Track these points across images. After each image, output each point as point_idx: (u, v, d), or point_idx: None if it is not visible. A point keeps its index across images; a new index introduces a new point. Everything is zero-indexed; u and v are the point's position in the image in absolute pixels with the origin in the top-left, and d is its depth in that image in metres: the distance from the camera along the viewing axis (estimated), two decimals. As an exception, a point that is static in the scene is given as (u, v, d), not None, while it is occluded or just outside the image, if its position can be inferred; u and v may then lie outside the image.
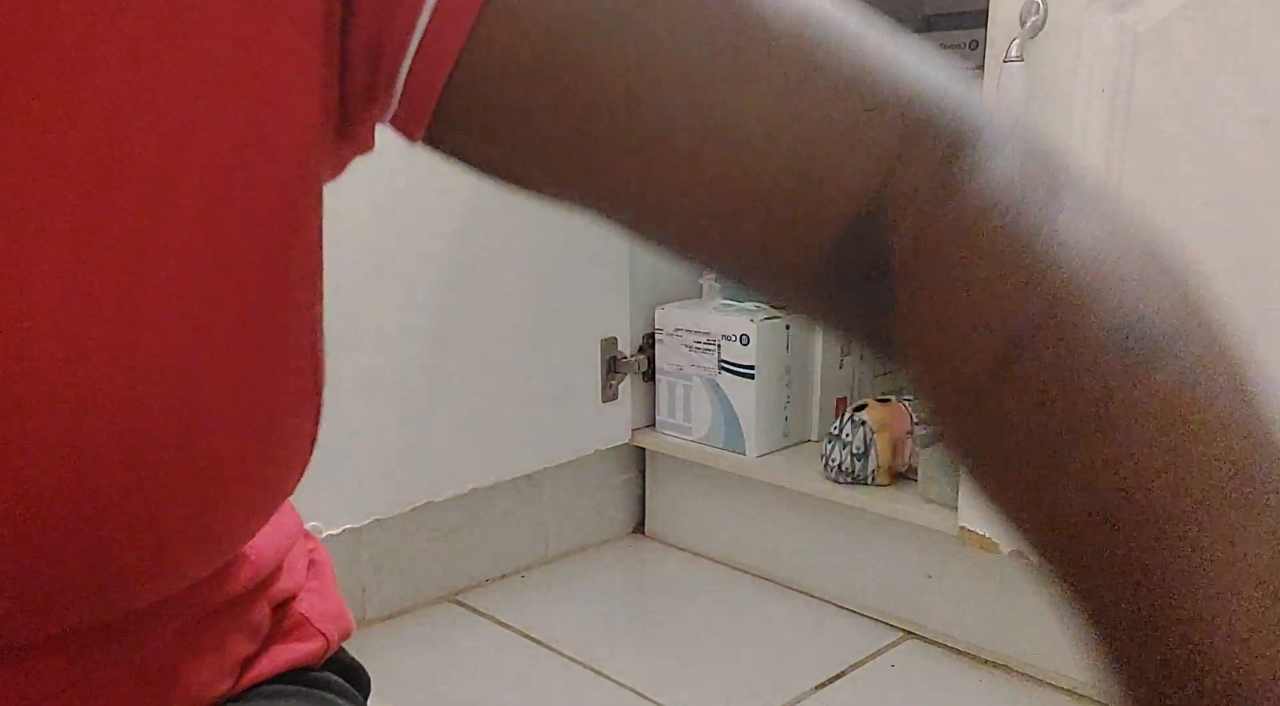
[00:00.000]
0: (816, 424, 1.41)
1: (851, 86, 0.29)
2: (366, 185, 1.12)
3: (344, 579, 1.24)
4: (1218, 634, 0.24)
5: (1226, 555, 0.25)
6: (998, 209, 0.27)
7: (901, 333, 0.29)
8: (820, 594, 1.33)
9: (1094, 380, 0.26)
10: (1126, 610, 0.26)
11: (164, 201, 0.27)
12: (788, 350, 1.36)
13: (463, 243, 1.22)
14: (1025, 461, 0.27)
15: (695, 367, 1.39)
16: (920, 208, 0.28)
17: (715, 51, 0.28)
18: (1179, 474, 0.25)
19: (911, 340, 0.29)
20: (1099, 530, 0.26)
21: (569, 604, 1.32)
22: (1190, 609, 0.25)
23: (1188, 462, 0.25)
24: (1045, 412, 0.26)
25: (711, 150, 0.29)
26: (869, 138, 0.29)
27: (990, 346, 0.27)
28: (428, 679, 1.15)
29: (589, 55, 0.28)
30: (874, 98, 0.29)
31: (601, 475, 1.50)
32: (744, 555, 1.42)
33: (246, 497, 0.32)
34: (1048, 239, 0.27)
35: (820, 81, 0.29)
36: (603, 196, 0.31)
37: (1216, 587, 0.25)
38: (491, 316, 1.27)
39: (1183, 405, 0.25)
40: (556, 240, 1.32)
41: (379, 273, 1.16)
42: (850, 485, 1.26)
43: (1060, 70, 0.95)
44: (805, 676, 1.15)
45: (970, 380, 0.27)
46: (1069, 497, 0.26)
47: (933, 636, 1.23)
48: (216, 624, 0.41)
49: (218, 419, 0.29)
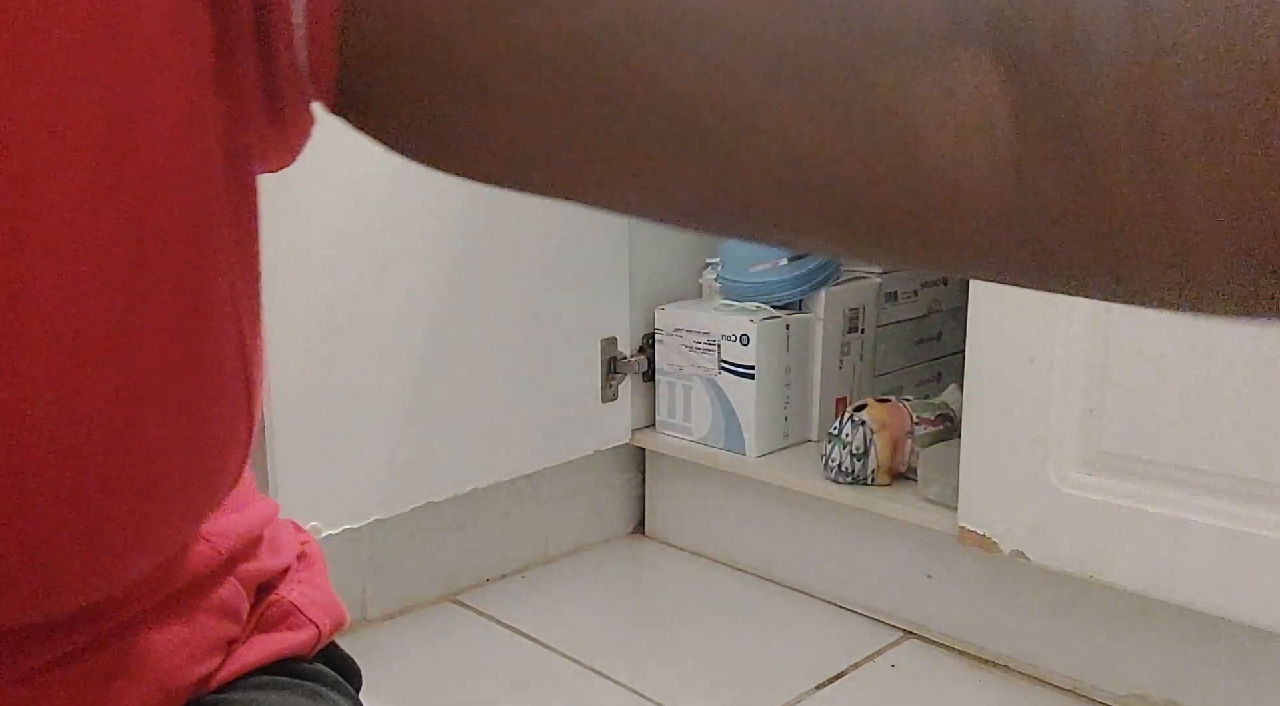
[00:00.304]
0: (816, 424, 1.41)
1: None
2: (366, 185, 1.12)
3: (344, 579, 1.24)
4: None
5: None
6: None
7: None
8: (820, 594, 1.33)
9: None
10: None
11: (40, 185, 0.26)
12: (788, 350, 1.36)
13: (462, 242, 1.22)
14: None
15: (695, 368, 1.39)
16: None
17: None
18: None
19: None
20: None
21: (569, 604, 1.32)
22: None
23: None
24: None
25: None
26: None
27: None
28: (428, 679, 1.15)
29: (464, 31, 0.27)
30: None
31: (601, 475, 1.50)
32: (744, 555, 1.42)
33: (180, 496, 0.32)
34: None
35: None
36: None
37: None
38: (491, 316, 1.27)
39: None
40: (556, 240, 1.32)
41: (378, 273, 1.16)
42: (850, 485, 1.26)
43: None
44: (805, 676, 1.15)
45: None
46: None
47: (933, 636, 1.23)
48: (180, 603, 0.41)
49: (145, 409, 0.29)
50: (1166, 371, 0.94)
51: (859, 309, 1.42)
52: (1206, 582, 0.95)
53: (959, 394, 1.16)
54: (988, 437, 1.06)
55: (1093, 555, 1.01)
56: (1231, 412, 0.91)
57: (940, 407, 1.30)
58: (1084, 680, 1.12)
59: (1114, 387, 0.97)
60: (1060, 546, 1.03)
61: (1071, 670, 1.12)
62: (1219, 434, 0.92)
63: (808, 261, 1.35)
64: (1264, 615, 0.92)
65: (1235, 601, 0.93)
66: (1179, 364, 0.93)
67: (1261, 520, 0.91)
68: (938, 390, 1.43)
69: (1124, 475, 0.98)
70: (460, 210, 1.21)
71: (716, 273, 1.42)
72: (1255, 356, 0.89)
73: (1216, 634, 1.01)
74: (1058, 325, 0.99)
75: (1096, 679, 1.11)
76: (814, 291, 1.37)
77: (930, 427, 1.27)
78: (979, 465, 1.08)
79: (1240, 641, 1.00)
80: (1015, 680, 1.15)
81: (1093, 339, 0.98)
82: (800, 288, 1.36)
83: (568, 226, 1.33)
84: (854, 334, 1.43)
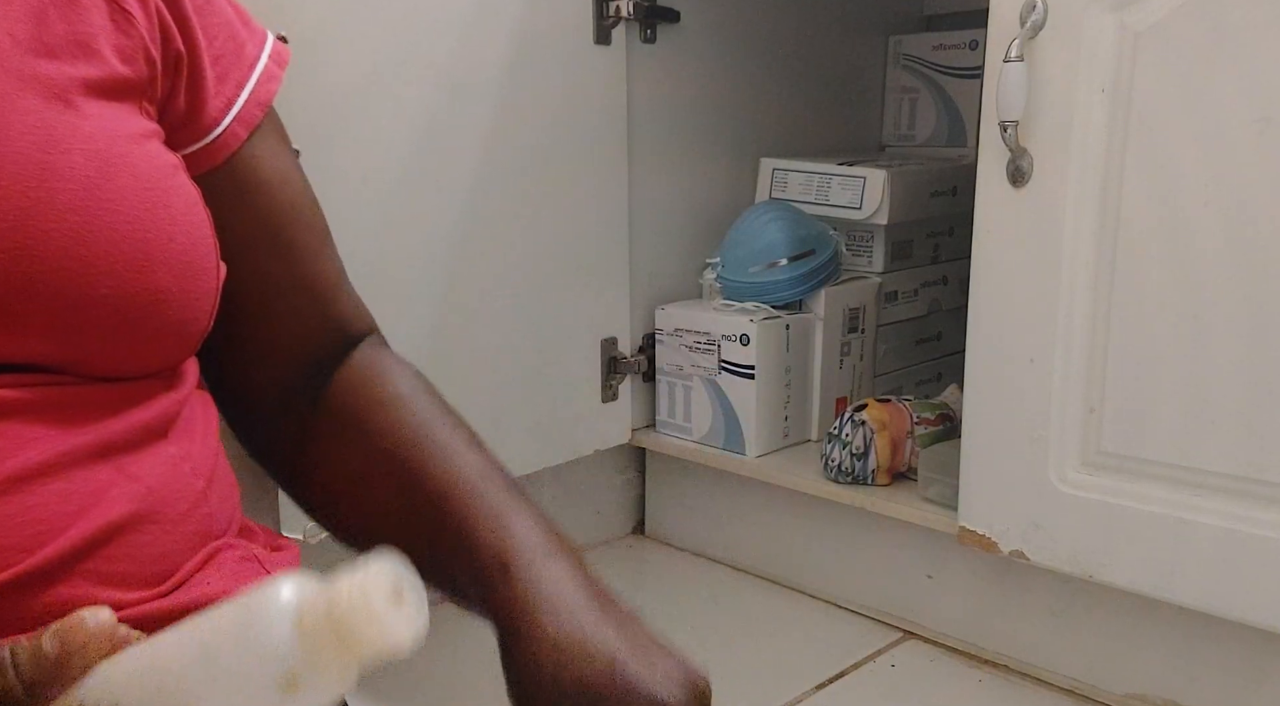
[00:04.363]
0: (816, 424, 1.41)
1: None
2: (366, 185, 1.12)
3: (344, 579, 1.24)
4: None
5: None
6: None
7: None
8: (820, 594, 1.33)
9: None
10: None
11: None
12: (788, 350, 1.36)
13: (462, 242, 1.22)
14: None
15: (695, 368, 1.39)
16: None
17: (315, 232, 0.59)
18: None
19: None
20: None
21: (569, 604, 1.32)
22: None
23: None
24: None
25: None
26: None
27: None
28: (428, 679, 1.15)
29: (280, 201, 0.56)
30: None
31: (601, 475, 1.50)
32: (744, 555, 1.42)
33: (180, 310, 0.46)
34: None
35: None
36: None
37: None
38: (491, 316, 1.27)
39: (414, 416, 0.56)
40: (556, 240, 1.32)
41: (378, 272, 1.16)
42: (850, 485, 1.26)
43: (1060, 70, 0.95)
44: (805, 676, 1.15)
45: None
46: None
47: (933, 636, 1.23)
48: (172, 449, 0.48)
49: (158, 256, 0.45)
50: (1166, 371, 0.94)
51: (859, 309, 1.42)
52: (1206, 582, 0.95)
53: (959, 394, 1.16)
54: (988, 437, 1.06)
55: (1092, 555, 1.01)
56: (1231, 412, 0.91)
57: (940, 407, 1.30)
58: (1084, 680, 1.12)
59: (1114, 387, 0.97)
60: (1060, 546, 1.03)
61: (1071, 670, 1.12)
62: (1219, 434, 0.92)
63: (808, 261, 1.36)
64: (1264, 615, 0.92)
65: (1235, 601, 0.93)
66: (1179, 364, 0.93)
67: (1261, 520, 0.91)
68: (938, 390, 1.43)
69: (1124, 475, 0.98)
70: (460, 210, 1.21)
71: (716, 273, 1.42)
72: (1254, 356, 0.89)
73: (1216, 634, 1.01)
74: (1058, 325, 0.99)
75: (1096, 679, 1.11)
76: (814, 291, 1.37)
77: (930, 427, 1.27)
78: (979, 465, 1.08)
79: (1240, 641, 1.00)
80: (1015, 680, 1.15)
81: (1093, 339, 0.98)
82: (800, 288, 1.36)
83: (568, 226, 1.33)
84: (854, 334, 1.43)
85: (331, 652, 0.26)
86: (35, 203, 0.40)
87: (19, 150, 0.40)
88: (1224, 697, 1.02)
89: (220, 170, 0.52)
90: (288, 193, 0.56)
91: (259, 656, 0.27)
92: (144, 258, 0.43)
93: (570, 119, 1.30)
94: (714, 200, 1.51)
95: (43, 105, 0.42)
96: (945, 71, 1.67)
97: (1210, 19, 0.87)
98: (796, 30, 1.58)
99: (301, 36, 1.03)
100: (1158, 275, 0.93)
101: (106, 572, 0.42)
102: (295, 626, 0.27)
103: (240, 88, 0.52)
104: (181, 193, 0.47)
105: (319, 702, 0.27)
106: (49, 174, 0.41)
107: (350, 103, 1.09)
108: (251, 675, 0.27)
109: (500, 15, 1.21)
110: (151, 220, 0.44)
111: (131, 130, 0.45)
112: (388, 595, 0.26)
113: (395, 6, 1.12)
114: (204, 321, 0.48)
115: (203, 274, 0.47)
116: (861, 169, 1.42)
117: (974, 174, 1.03)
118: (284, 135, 0.57)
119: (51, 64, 0.43)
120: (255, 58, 0.54)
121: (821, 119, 1.65)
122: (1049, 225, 0.98)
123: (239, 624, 0.28)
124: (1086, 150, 0.95)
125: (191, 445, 0.48)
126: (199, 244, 0.47)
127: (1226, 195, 0.89)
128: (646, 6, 1.35)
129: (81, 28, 0.44)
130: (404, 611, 0.26)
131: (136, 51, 0.46)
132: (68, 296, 0.41)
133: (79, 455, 0.42)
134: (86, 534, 0.41)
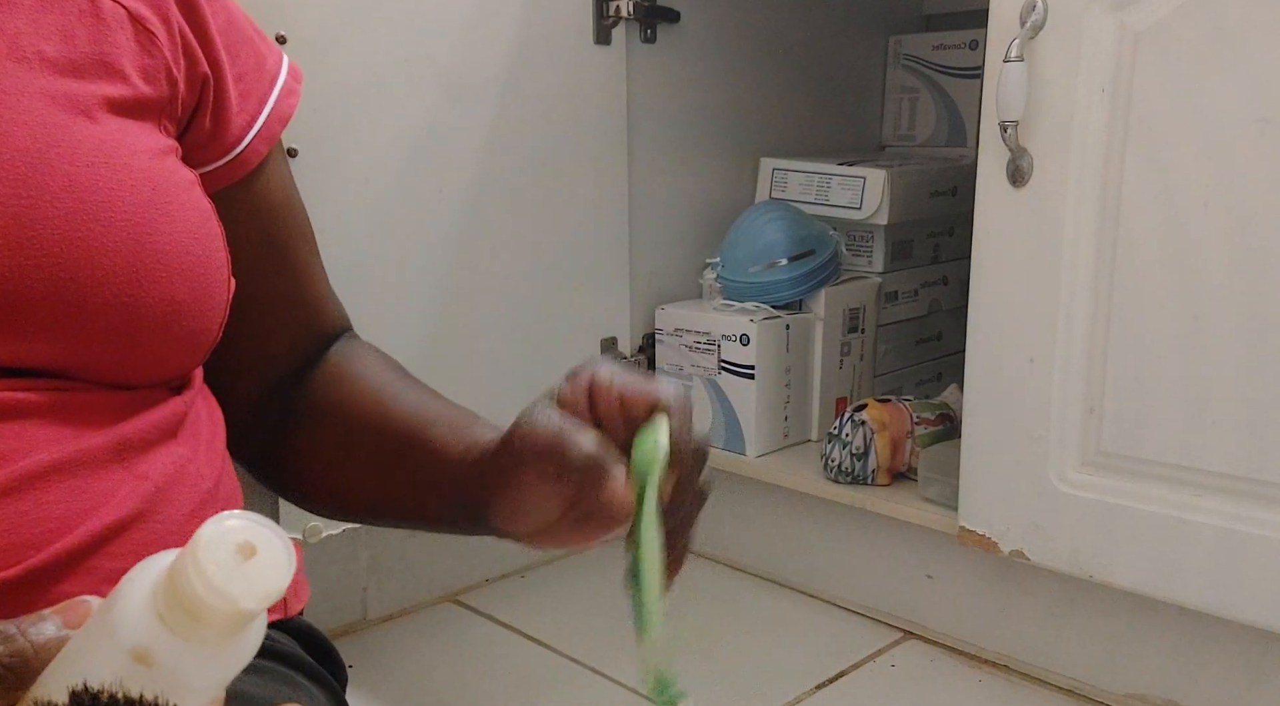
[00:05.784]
0: (816, 424, 1.41)
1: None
2: (366, 185, 1.12)
3: (344, 579, 1.24)
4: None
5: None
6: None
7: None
8: (820, 594, 1.33)
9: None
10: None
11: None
12: (788, 350, 1.36)
13: (462, 242, 1.22)
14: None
15: (695, 367, 1.39)
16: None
17: (310, 245, 0.60)
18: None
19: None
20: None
21: (569, 604, 1.32)
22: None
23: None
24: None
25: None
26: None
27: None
28: (428, 679, 1.15)
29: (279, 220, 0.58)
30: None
31: (601, 475, 1.50)
32: (744, 555, 1.42)
33: (191, 322, 0.47)
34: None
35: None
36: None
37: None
38: (491, 316, 1.27)
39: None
40: (556, 240, 1.32)
41: (378, 272, 1.16)
42: (850, 485, 1.26)
43: (1060, 70, 0.95)
44: (805, 676, 1.15)
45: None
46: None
47: (933, 636, 1.23)
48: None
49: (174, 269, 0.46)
50: (1166, 371, 0.94)
51: (859, 309, 1.42)
52: (1206, 582, 0.95)
53: (959, 394, 1.16)
54: (988, 437, 1.06)
55: (1092, 555, 1.01)
56: (1231, 413, 0.91)
57: (940, 407, 1.30)
58: (1084, 680, 1.12)
59: (1114, 388, 0.98)
60: (1060, 546, 1.03)
61: (1071, 670, 1.12)
62: (1219, 434, 0.92)
63: (808, 261, 1.36)
64: (1264, 615, 0.92)
65: (1235, 601, 0.93)
66: (1179, 364, 0.93)
67: (1261, 520, 0.91)
68: (938, 390, 1.43)
69: (1124, 475, 0.98)
70: (460, 210, 1.21)
71: (716, 272, 1.42)
72: (1254, 357, 0.89)
73: (1216, 634, 1.01)
74: (1058, 325, 0.99)
75: (1096, 679, 1.11)
76: (814, 291, 1.37)
77: (930, 427, 1.27)
78: (979, 465, 1.08)
79: (1240, 641, 1.00)
80: (1015, 680, 1.15)
81: (1093, 339, 0.98)
82: (800, 288, 1.36)
83: (567, 226, 1.33)
84: (854, 334, 1.43)
85: (183, 622, 0.27)
86: (60, 215, 0.41)
87: (49, 162, 0.42)
88: (1224, 697, 1.02)
89: (237, 186, 0.53)
90: (292, 211, 0.58)
91: (109, 632, 0.28)
92: (160, 267, 0.44)
93: (570, 119, 1.30)
94: (714, 200, 1.52)
95: (69, 120, 0.43)
96: (945, 71, 1.67)
97: (1210, 19, 0.87)
98: (796, 30, 1.58)
99: (302, 37, 1.03)
100: (1158, 275, 0.93)
101: (111, 569, 0.42)
102: (149, 599, 0.28)
103: (262, 104, 0.53)
104: (196, 206, 0.48)
105: (188, 668, 0.28)
106: (70, 185, 0.42)
107: (350, 103, 1.09)
108: (99, 649, 0.28)
109: (500, 16, 1.21)
110: (168, 231, 0.45)
111: (149, 146, 0.46)
112: (230, 553, 0.27)
113: (395, 7, 1.12)
114: (215, 332, 0.49)
115: (215, 286, 0.48)
116: (861, 169, 1.42)
117: (974, 174, 1.03)
118: (281, 145, 0.58)
119: (78, 82, 0.44)
120: (275, 74, 0.55)
121: (821, 119, 1.65)
122: (1049, 225, 0.98)
123: (108, 599, 0.29)
124: (1086, 150, 0.95)
125: (199, 446, 0.49)
126: (212, 256, 0.48)
127: (1226, 195, 0.89)
128: (646, 6, 1.35)
129: (107, 47, 0.45)
130: (255, 563, 0.27)
131: (159, 71, 0.47)
132: (98, 304, 0.43)
133: (91, 456, 0.43)
134: (94, 531, 0.42)
